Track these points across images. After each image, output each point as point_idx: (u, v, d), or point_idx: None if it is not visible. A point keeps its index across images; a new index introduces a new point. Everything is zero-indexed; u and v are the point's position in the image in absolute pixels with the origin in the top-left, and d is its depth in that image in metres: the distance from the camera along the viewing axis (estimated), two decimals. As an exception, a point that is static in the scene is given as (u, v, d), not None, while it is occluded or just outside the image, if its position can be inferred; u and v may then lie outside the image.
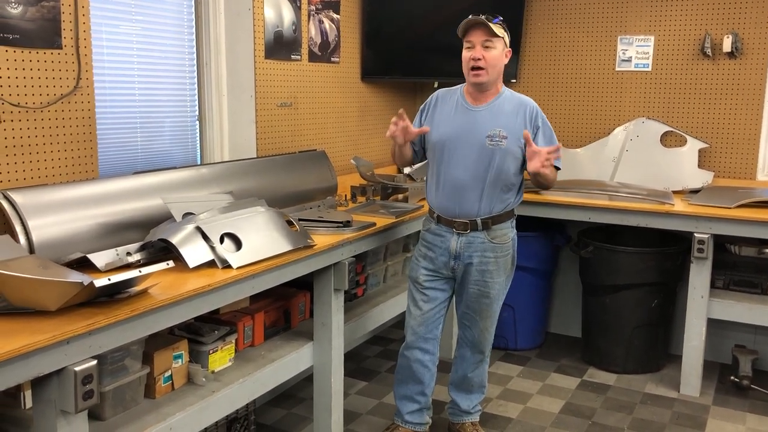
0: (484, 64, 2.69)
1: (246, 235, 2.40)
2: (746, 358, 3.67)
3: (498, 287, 2.87)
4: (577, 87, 4.39)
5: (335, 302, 2.81)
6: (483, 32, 2.68)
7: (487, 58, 2.69)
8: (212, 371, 2.47)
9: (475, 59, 2.69)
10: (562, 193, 3.80)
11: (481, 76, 2.71)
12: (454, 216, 2.81)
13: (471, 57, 2.70)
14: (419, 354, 2.95)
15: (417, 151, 2.93)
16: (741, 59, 3.96)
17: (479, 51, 2.68)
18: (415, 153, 2.93)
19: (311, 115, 3.79)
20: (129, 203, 2.45)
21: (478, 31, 2.68)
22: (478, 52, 2.68)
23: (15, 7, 2.26)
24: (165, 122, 3.12)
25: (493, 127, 2.74)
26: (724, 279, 3.69)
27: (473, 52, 2.69)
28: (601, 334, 3.94)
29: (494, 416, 3.37)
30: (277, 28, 3.46)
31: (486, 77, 2.72)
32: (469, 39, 2.70)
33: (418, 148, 2.93)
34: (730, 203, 3.44)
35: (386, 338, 4.35)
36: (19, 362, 1.63)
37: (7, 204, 2.16)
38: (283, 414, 3.38)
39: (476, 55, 2.68)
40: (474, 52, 2.69)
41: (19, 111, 2.33)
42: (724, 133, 4.06)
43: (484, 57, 2.69)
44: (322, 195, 3.37)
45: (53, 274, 1.89)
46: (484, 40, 2.68)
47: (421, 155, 2.95)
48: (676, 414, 3.43)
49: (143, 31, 2.95)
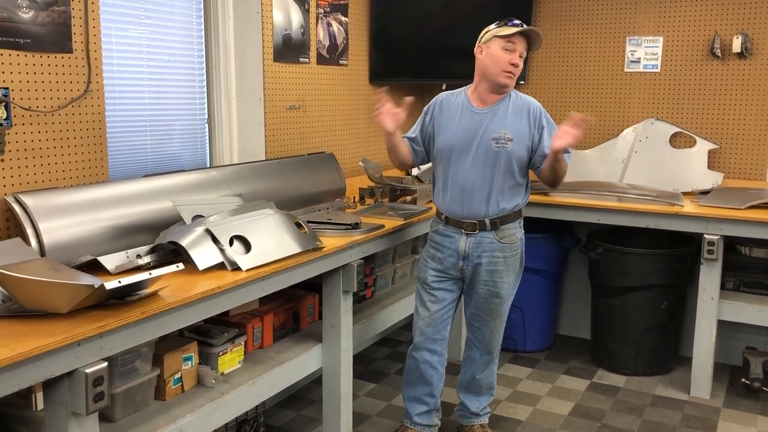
0: (517, 72, 2.74)
1: (255, 237, 2.40)
2: (757, 360, 3.65)
3: (508, 287, 2.87)
4: (586, 88, 4.38)
5: (344, 304, 2.81)
6: (525, 41, 2.73)
7: (520, 66, 2.75)
8: (222, 373, 2.48)
9: (515, 65, 2.72)
10: (570, 194, 3.79)
11: (512, 80, 2.76)
12: (463, 217, 2.81)
13: (511, 61, 2.71)
14: (427, 355, 2.96)
15: (417, 152, 2.93)
16: (751, 60, 3.94)
17: (518, 58, 2.73)
18: (415, 153, 2.93)
19: (320, 118, 3.80)
20: (139, 206, 2.46)
21: (523, 38, 2.72)
22: (517, 59, 2.72)
23: (26, 12, 2.28)
24: (174, 125, 3.13)
25: (498, 130, 2.74)
26: (734, 280, 3.67)
27: (513, 57, 2.71)
28: (611, 335, 3.92)
29: (503, 418, 3.36)
30: (285, 31, 3.47)
31: (513, 83, 2.77)
32: (513, 41, 2.71)
33: (420, 149, 2.93)
34: (740, 204, 3.42)
35: (395, 340, 4.35)
36: (31, 364, 1.64)
37: (18, 207, 2.17)
38: (293, 416, 3.38)
39: (516, 61, 2.72)
40: (514, 57, 2.72)
41: (30, 115, 2.34)
42: (733, 134, 4.04)
43: (518, 65, 2.74)
44: (330, 197, 3.38)
45: (64, 276, 1.90)
46: (524, 49, 2.74)
47: (422, 156, 2.95)
48: (686, 416, 3.42)
49: (152, 34, 2.97)
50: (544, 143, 2.75)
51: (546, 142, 2.75)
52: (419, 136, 2.92)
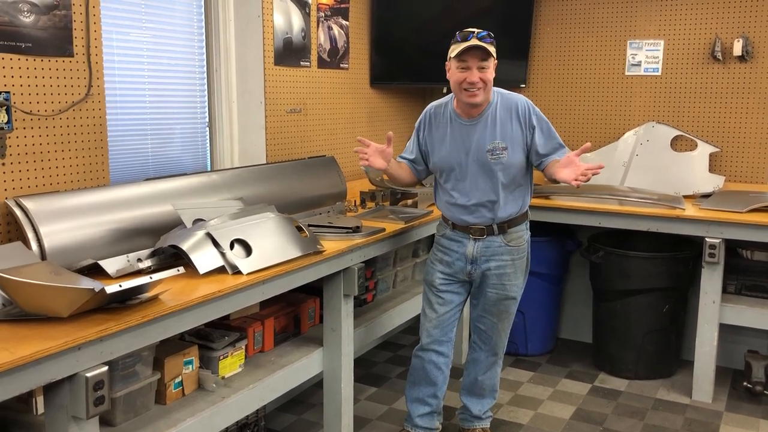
0: (480, 85, 2.64)
1: (256, 241, 2.40)
2: (759, 363, 3.64)
3: (517, 288, 2.88)
4: (587, 91, 4.38)
5: (345, 308, 2.81)
6: (479, 55, 2.61)
7: (483, 78, 2.63)
8: (222, 377, 2.48)
9: (472, 83, 2.62)
10: (572, 197, 3.79)
11: (478, 96, 2.65)
12: (470, 224, 2.81)
13: (467, 80, 2.62)
14: (434, 356, 2.95)
15: (420, 170, 2.93)
16: (752, 63, 3.94)
17: (475, 74, 2.61)
18: (417, 172, 2.93)
19: (320, 121, 3.80)
20: (140, 210, 2.46)
21: (473, 52, 2.61)
22: (475, 75, 2.61)
23: (27, 16, 2.28)
24: (175, 129, 3.14)
25: (492, 140, 2.71)
26: (736, 284, 3.66)
27: (469, 75, 2.62)
28: (612, 339, 3.92)
29: (505, 422, 3.36)
30: (286, 35, 3.47)
31: (482, 96, 2.67)
32: (464, 59, 2.62)
33: (422, 167, 2.92)
34: (742, 208, 3.41)
35: (396, 344, 4.34)
36: (31, 368, 1.64)
37: (19, 211, 2.17)
38: (293, 420, 3.38)
39: (473, 79, 2.61)
40: (470, 75, 2.61)
41: (31, 119, 2.35)
42: (735, 138, 4.04)
43: (481, 79, 2.63)
44: (331, 201, 3.38)
45: (65, 280, 1.90)
46: (479, 64, 2.62)
47: (426, 172, 2.93)
48: (688, 420, 3.41)
49: (153, 38, 2.97)
50: (537, 142, 2.72)
51: (539, 141, 2.72)
52: (418, 156, 2.90)
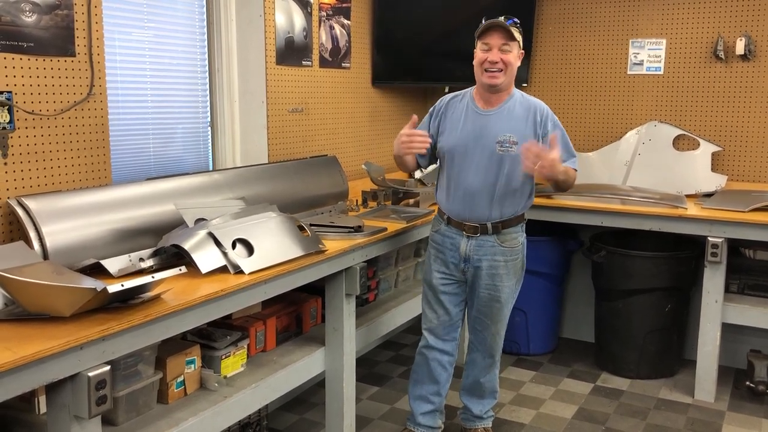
0: (501, 66, 2.68)
1: (258, 240, 2.40)
2: (762, 363, 3.64)
3: (508, 291, 2.86)
4: (589, 91, 4.38)
5: (347, 307, 2.81)
6: (501, 35, 2.66)
7: (504, 60, 2.68)
8: (224, 376, 2.48)
9: (493, 62, 2.67)
10: (574, 197, 3.78)
11: (498, 77, 2.69)
12: (465, 219, 2.80)
13: (488, 59, 2.68)
14: (438, 354, 2.96)
15: (426, 155, 2.92)
16: (754, 61, 3.93)
17: (496, 54, 2.67)
18: (422, 156, 2.92)
19: (322, 121, 3.80)
20: (142, 209, 2.47)
21: (496, 33, 2.66)
22: (496, 55, 2.67)
23: (29, 15, 2.29)
24: (177, 128, 3.14)
25: (503, 132, 2.72)
26: (738, 283, 3.65)
27: (490, 55, 2.67)
28: (615, 338, 3.91)
29: (507, 422, 3.35)
30: (288, 34, 3.47)
31: (502, 79, 2.70)
32: (487, 41, 2.68)
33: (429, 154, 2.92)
34: (744, 207, 3.41)
35: (398, 343, 4.34)
36: (34, 368, 1.64)
37: (21, 210, 2.17)
38: (295, 419, 3.38)
39: (494, 58, 2.67)
40: (491, 54, 2.67)
41: (33, 118, 2.35)
42: (737, 137, 4.03)
43: (501, 59, 2.67)
44: (333, 200, 3.38)
45: (67, 280, 1.90)
46: (502, 44, 2.67)
47: (429, 158, 2.94)
48: (690, 420, 3.40)
49: (155, 38, 2.97)
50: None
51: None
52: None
